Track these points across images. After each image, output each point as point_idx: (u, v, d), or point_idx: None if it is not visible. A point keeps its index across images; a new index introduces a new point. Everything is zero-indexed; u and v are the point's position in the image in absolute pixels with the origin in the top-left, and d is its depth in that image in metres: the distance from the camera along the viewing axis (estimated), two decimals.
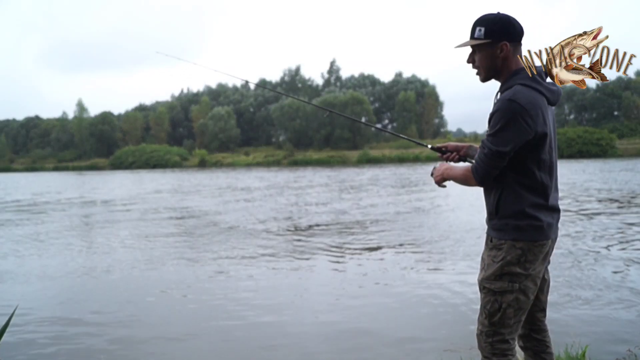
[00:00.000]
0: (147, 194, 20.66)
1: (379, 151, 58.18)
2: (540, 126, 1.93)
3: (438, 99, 73.13)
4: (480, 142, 2.08)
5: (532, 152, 1.96)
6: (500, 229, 2.05)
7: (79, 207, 15.78)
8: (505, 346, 2.07)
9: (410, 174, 28.65)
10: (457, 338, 3.97)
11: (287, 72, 79.93)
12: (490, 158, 1.98)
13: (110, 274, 6.66)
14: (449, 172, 2.23)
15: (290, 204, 14.83)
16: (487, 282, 2.08)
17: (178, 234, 9.88)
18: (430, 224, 10.23)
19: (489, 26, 2.02)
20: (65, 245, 9.03)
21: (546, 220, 2.01)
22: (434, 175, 2.30)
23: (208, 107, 75.49)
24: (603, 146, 49.12)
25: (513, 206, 2.01)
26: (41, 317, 4.94)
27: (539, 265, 2.04)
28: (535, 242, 2.00)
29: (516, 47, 2.03)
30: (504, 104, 1.92)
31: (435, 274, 6.24)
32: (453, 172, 2.21)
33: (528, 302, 2.06)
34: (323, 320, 4.68)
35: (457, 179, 2.19)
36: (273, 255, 7.55)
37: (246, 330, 4.45)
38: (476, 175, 2.06)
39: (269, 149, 68.63)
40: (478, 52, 2.08)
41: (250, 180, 27.54)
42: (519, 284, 2.01)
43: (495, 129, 1.94)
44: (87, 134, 77.08)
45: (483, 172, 2.03)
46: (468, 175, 2.10)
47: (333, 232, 9.47)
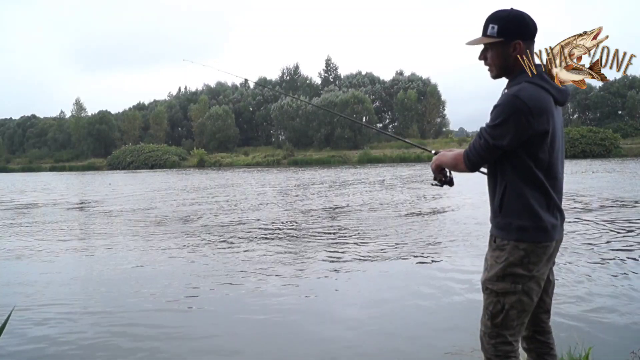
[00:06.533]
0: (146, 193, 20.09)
1: (380, 151, 57.66)
2: (541, 125, 1.90)
3: (440, 98, 72.39)
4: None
5: (529, 150, 1.95)
6: (504, 228, 2.04)
7: (79, 208, 15.22)
8: (508, 348, 2.05)
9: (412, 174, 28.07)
10: (460, 339, 3.90)
11: (286, 70, 79.46)
12: (485, 149, 2.00)
13: (111, 274, 6.58)
14: (441, 158, 2.28)
15: (290, 202, 14.19)
16: (489, 283, 2.07)
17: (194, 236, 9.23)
18: (434, 223, 10.15)
19: (502, 24, 1.98)
20: (65, 244, 8.99)
21: (549, 221, 2.00)
22: (431, 164, 2.36)
23: (207, 107, 74.93)
24: (607, 146, 48.35)
25: (516, 204, 2.00)
26: (41, 317, 4.89)
27: (543, 266, 2.02)
28: (539, 243, 1.98)
29: (529, 45, 1.99)
30: (508, 99, 1.92)
31: (436, 274, 6.17)
32: (445, 156, 2.27)
33: (531, 304, 2.05)
34: (323, 320, 4.67)
35: (447, 163, 2.24)
36: (273, 257, 7.09)
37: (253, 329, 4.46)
38: (467, 161, 2.08)
39: (268, 149, 68.09)
40: (490, 50, 2.05)
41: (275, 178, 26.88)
42: (522, 285, 2.00)
43: (495, 122, 1.94)
44: (85, 134, 76.53)
45: (475, 160, 2.06)
46: (459, 160, 2.13)
47: (331, 231, 8.83)
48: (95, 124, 77.02)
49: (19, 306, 4.97)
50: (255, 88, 77.69)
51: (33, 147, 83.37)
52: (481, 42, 2.05)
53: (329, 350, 3.95)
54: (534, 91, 1.91)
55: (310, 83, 78.52)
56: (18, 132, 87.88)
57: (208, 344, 4.11)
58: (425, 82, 73.02)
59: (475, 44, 2.06)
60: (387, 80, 76.12)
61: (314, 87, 77.47)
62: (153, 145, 68.71)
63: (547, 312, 2.22)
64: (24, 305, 5.15)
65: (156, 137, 75.25)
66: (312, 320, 4.68)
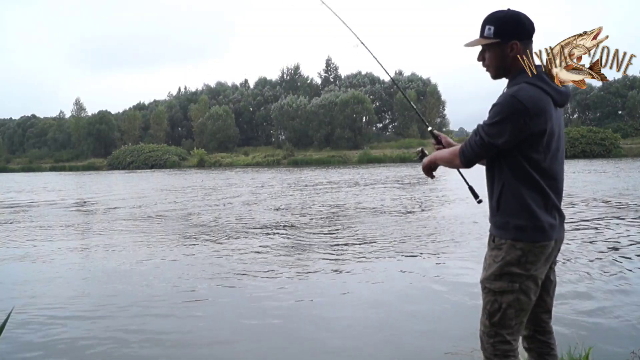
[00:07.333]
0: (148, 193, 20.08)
1: (379, 151, 57.71)
2: (538, 125, 1.91)
3: (440, 97, 72.34)
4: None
5: (524, 150, 1.96)
6: (502, 227, 2.04)
7: (79, 208, 15.20)
8: (507, 347, 2.05)
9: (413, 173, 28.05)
10: (460, 339, 3.87)
11: (286, 70, 79.47)
12: (481, 146, 2.01)
13: (110, 275, 6.56)
14: (435, 155, 2.31)
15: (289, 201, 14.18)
16: (487, 282, 2.08)
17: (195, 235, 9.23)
18: (434, 222, 10.09)
19: (498, 25, 2.00)
20: (65, 245, 8.92)
21: (547, 221, 1.99)
22: (422, 160, 2.37)
23: (207, 107, 74.92)
24: (607, 146, 48.34)
25: (513, 203, 2.00)
26: (41, 317, 4.86)
27: (541, 266, 2.02)
28: (536, 242, 1.98)
29: (527, 45, 2.00)
30: (505, 99, 1.92)
31: (436, 273, 6.14)
32: (441, 153, 2.29)
33: (529, 303, 2.05)
34: (323, 321, 4.65)
35: (443, 159, 2.26)
36: (273, 258, 7.10)
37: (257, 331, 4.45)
38: (462, 157, 2.09)
39: (268, 149, 68.11)
40: (488, 51, 2.06)
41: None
42: (520, 284, 2.00)
43: (492, 120, 1.94)
44: (85, 134, 76.59)
45: (470, 157, 2.07)
46: (455, 155, 2.14)
47: (331, 232, 8.84)
48: (95, 124, 77.07)
49: (19, 306, 4.96)
50: (255, 88, 77.70)
51: (33, 147, 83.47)
52: (478, 43, 2.06)
53: (329, 350, 3.94)
54: (532, 92, 1.91)
55: (311, 83, 78.53)
56: (18, 132, 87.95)
57: (208, 350, 4.06)
58: (425, 82, 73.02)
59: (472, 45, 2.07)
60: (387, 80, 76.09)
61: (314, 87, 77.45)
62: (153, 145, 68.73)
63: (548, 312, 2.22)
64: (24, 306, 5.11)
65: (156, 137, 75.25)
66: (311, 320, 4.65)
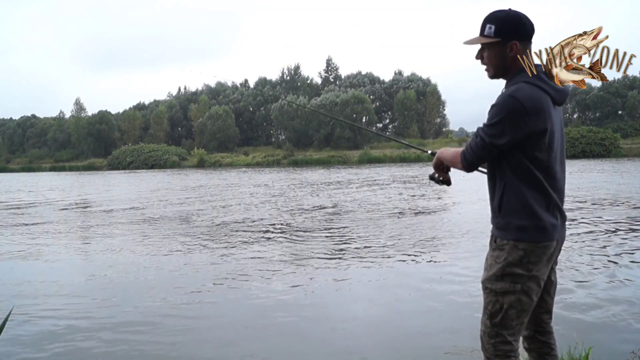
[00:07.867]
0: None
1: (380, 151, 57.62)
2: (538, 124, 1.91)
3: (440, 98, 72.34)
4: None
5: (527, 149, 1.95)
6: (503, 228, 2.04)
7: (78, 208, 15.21)
8: (507, 347, 2.05)
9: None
10: (460, 339, 3.89)
11: (286, 70, 79.45)
12: (481, 148, 2.01)
13: (110, 275, 6.56)
14: (442, 154, 2.30)
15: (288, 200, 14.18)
16: (489, 282, 2.08)
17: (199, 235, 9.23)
18: (434, 222, 10.09)
19: (499, 24, 2.00)
20: (65, 245, 8.95)
21: (549, 221, 1.99)
22: (432, 163, 2.38)
23: (207, 107, 74.89)
24: (607, 146, 48.34)
25: (515, 204, 2.00)
26: (41, 317, 4.86)
27: (543, 266, 2.01)
28: (539, 243, 1.97)
29: (526, 45, 2.00)
30: (504, 99, 1.93)
31: (436, 273, 6.14)
32: (446, 152, 2.29)
33: (531, 304, 2.04)
34: (323, 321, 4.66)
35: (447, 159, 2.26)
36: (272, 258, 7.12)
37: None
38: (464, 161, 2.10)
39: (268, 149, 68.08)
40: (487, 50, 2.06)
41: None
42: (521, 284, 2.00)
43: (491, 121, 1.95)
44: (85, 134, 76.53)
45: (471, 160, 2.07)
46: (457, 158, 2.15)
47: (331, 232, 8.83)
48: (95, 124, 77.02)
49: (19, 306, 4.96)
50: (255, 88, 77.69)
51: (33, 147, 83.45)
52: (478, 41, 2.05)
53: (329, 350, 3.94)
54: (530, 91, 1.91)
55: (311, 83, 78.52)
56: (18, 132, 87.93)
57: (211, 350, 4.05)
58: (425, 82, 72.95)
59: (472, 43, 2.07)
60: (387, 80, 76.10)
61: (315, 87, 77.43)
62: (153, 145, 68.70)
63: (548, 312, 2.21)
64: (24, 305, 5.11)
65: (156, 137, 75.22)
66: (311, 321, 4.66)
